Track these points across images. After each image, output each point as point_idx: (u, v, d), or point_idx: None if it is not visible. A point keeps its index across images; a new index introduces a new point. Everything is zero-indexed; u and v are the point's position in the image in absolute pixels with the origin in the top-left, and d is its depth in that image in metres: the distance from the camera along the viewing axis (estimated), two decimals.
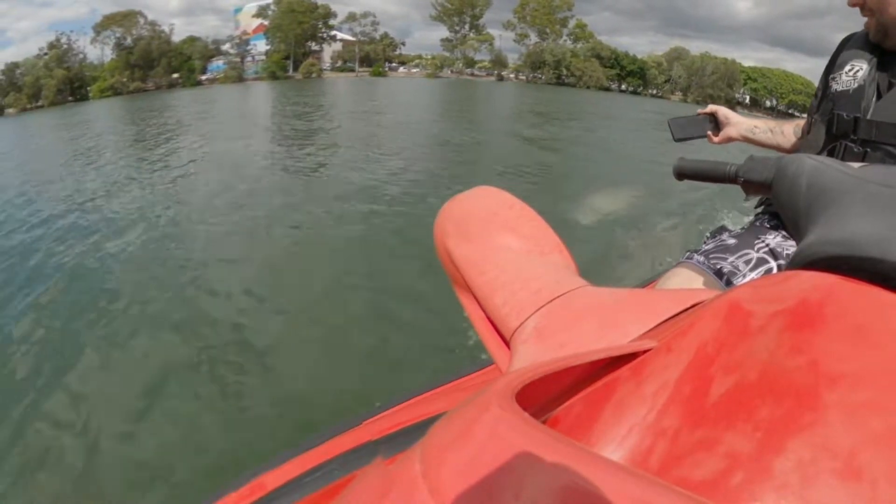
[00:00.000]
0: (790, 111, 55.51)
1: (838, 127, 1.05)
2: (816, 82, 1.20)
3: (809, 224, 0.32)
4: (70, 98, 44.59)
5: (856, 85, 1.03)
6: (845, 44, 1.12)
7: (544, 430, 0.19)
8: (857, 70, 1.04)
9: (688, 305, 0.31)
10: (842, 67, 1.07)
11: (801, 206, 0.35)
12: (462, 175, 8.44)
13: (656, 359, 0.25)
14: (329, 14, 53.42)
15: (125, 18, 46.75)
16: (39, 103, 43.29)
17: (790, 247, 1.03)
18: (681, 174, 0.83)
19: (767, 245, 1.04)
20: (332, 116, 18.41)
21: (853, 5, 1.02)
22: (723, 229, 1.15)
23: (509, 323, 0.36)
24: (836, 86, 1.07)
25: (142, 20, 47.37)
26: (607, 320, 0.32)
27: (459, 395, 1.05)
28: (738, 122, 1.32)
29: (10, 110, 42.19)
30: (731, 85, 55.56)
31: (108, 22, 46.56)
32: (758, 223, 1.14)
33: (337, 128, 14.88)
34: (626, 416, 0.23)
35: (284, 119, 17.79)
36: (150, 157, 11.17)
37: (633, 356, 0.26)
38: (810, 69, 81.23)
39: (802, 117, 1.29)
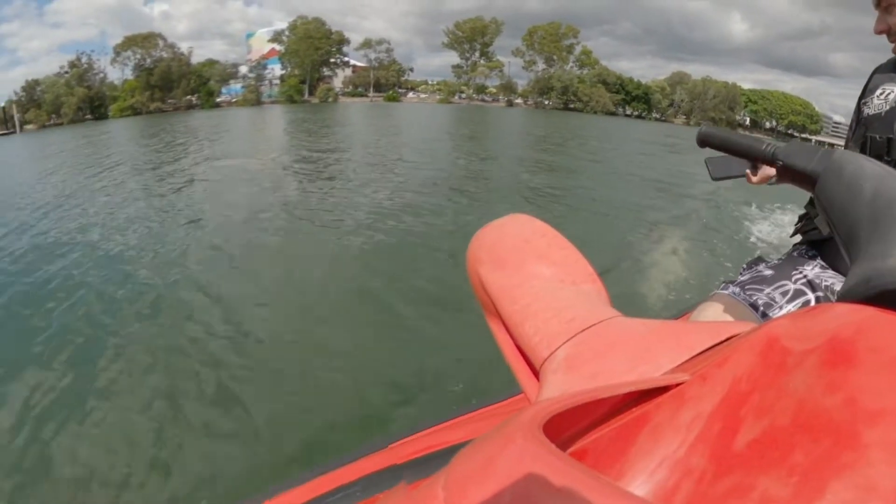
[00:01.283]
0: (789, 132, 57.47)
1: (871, 149, 1.05)
2: (814, 103, 1.27)
3: (876, 240, 0.31)
4: (88, 116, 44.80)
5: (887, 107, 1.04)
6: (876, 71, 1.13)
7: (570, 463, 0.18)
8: (889, 93, 1.05)
9: (722, 338, 0.31)
10: (873, 92, 1.09)
11: (862, 214, 0.34)
12: (489, 200, 8.57)
13: (688, 393, 0.24)
14: (343, 40, 54.97)
15: (145, 40, 47.60)
16: (58, 120, 43.35)
17: (829, 278, 1.01)
18: (705, 141, 0.75)
19: (805, 276, 1.02)
20: (360, 141, 18.91)
21: (879, 33, 1.04)
22: (759, 260, 1.13)
23: (539, 352, 0.36)
24: (868, 110, 1.09)
25: (161, 42, 48.26)
26: (639, 352, 0.32)
27: (486, 423, 1.08)
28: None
29: (30, 126, 42.18)
30: (733, 108, 57.56)
31: (129, 43, 47.34)
32: (795, 253, 1.12)
33: (366, 151, 15.25)
34: (654, 452, 0.22)
35: (315, 143, 18.17)
36: (193, 176, 11.30)
37: (664, 389, 0.26)
38: (807, 89, 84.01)
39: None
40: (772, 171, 1.10)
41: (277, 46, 53.67)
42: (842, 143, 1.17)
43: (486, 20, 55.83)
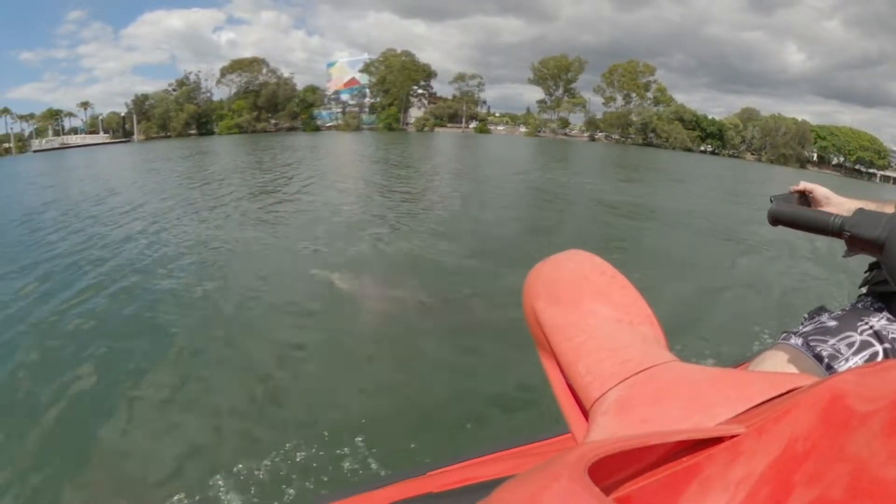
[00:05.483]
0: (857, 167, 59.10)
1: None
2: (879, 135, 1.07)
3: None
4: (193, 131, 43.97)
5: None
6: None
7: None
8: None
9: (782, 391, 0.29)
10: None
11: None
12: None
13: (743, 447, 0.23)
14: (431, 73, 55.23)
15: (250, 65, 46.86)
16: (164, 133, 42.86)
17: None
18: (776, 220, 0.78)
19: (872, 327, 0.98)
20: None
21: None
22: (822, 310, 1.08)
23: (591, 392, 0.35)
24: None
25: (265, 68, 47.40)
26: (694, 400, 0.31)
27: (529, 460, 1.06)
28: (840, 203, 1.12)
29: (140, 136, 41.26)
30: (803, 144, 59.27)
31: (235, 66, 47.05)
32: (860, 304, 1.06)
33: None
34: None
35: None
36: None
37: (718, 440, 0.25)
38: (867, 121, 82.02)
39: None
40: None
41: (359, 76, 53.48)
42: None
43: (569, 58, 57.28)
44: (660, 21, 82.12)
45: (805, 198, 1.10)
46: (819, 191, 1.10)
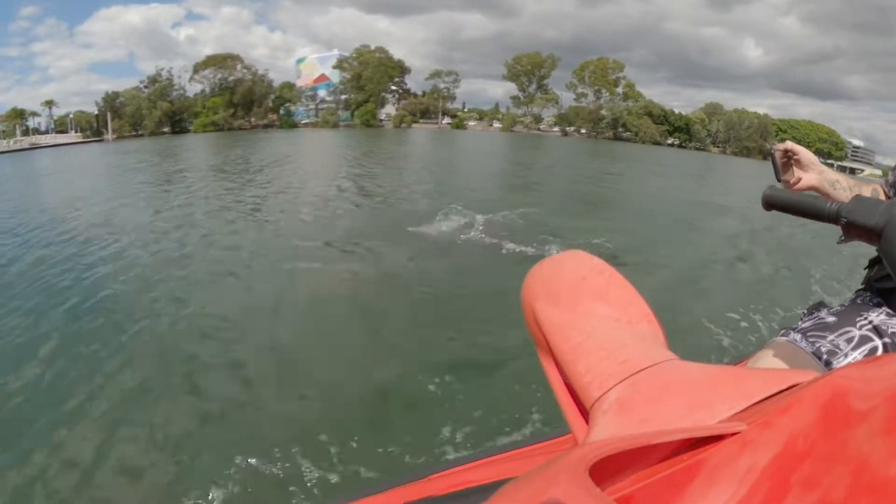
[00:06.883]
0: None
1: None
2: (835, 127, 1.26)
3: None
4: (165, 130, 43.08)
5: None
6: None
7: None
8: None
9: (782, 388, 0.30)
10: None
11: None
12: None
13: (744, 444, 0.23)
14: (406, 69, 55.37)
15: (224, 61, 45.98)
16: (137, 132, 41.99)
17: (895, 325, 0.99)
18: (770, 204, 0.77)
19: (871, 322, 0.98)
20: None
21: None
22: (821, 305, 1.08)
23: (591, 392, 0.35)
24: None
25: (239, 64, 46.60)
26: (694, 398, 0.31)
27: (530, 462, 1.06)
28: (823, 171, 1.16)
29: (110, 136, 40.10)
30: (765, 137, 61.64)
31: (209, 62, 45.95)
32: (858, 300, 1.07)
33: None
34: None
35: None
36: None
37: (718, 438, 0.25)
38: (823, 113, 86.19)
39: (875, 181, 1.26)
40: (814, 180, 1.09)
41: (329, 72, 53.49)
42: (862, 167, 1.10)
43: (542, 55, 58.17)
44: (621, 17, 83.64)
45: (788, 158, 1.13)
46: (804, 154, 1.12)
